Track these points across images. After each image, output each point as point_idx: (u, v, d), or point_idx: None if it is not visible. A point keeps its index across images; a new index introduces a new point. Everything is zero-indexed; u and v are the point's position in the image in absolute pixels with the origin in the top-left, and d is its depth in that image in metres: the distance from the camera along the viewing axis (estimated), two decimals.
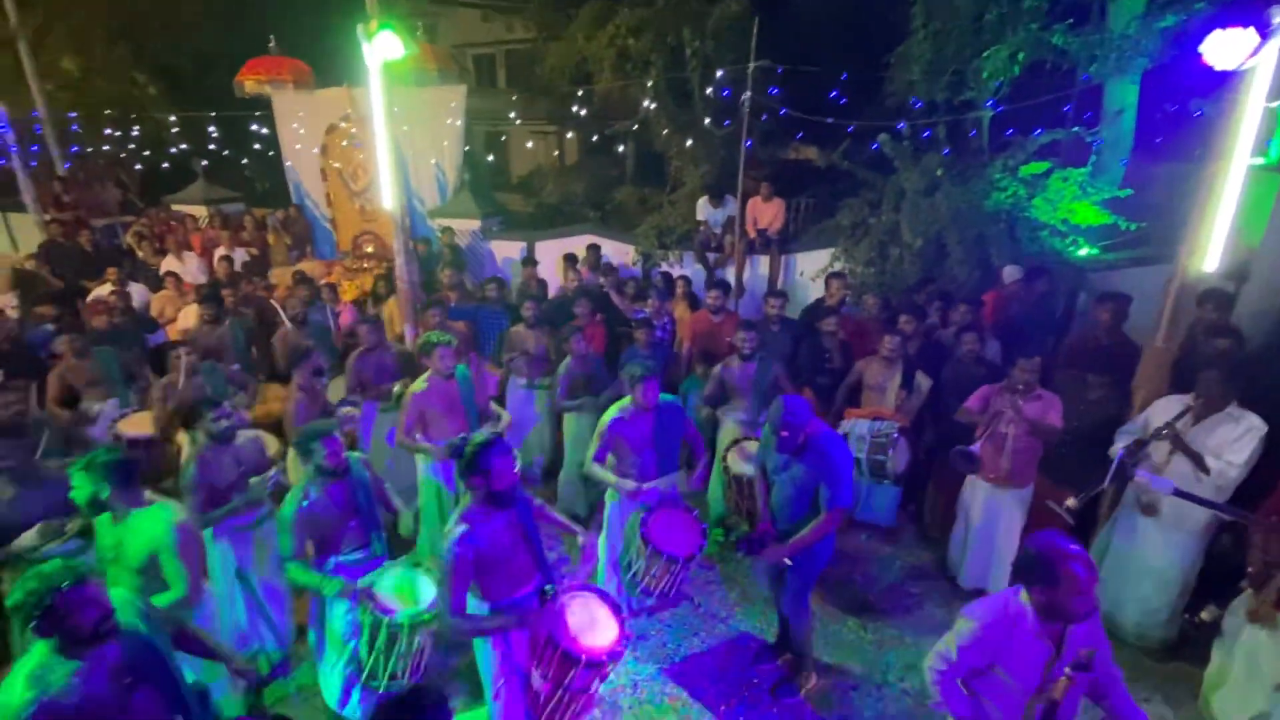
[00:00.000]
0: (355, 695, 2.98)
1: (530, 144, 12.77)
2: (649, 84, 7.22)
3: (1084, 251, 5.96)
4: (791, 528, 3.07)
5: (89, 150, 10.79)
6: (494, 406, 4.78)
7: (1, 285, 7.84)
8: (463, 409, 4.08)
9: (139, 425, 4.53)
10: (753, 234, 7.09)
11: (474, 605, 2.55)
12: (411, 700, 1.76)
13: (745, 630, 3.89)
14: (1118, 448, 3.16)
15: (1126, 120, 6.54)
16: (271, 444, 4.05)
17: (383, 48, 4.52)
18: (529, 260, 7.37)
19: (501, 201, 10.22)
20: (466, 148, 8.78)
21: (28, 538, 2.93)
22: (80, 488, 2.61)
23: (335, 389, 4.93)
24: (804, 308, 5.82)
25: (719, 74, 6.47)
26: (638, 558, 3.33)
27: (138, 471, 2.72)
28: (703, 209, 7.30)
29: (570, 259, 7.06)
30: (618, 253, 8.03)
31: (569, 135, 14.56)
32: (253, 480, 3.44)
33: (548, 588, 2.53)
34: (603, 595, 2.68)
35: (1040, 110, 6.60)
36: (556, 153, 14.07)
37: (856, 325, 5.17)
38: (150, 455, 4.47)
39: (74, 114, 10.04)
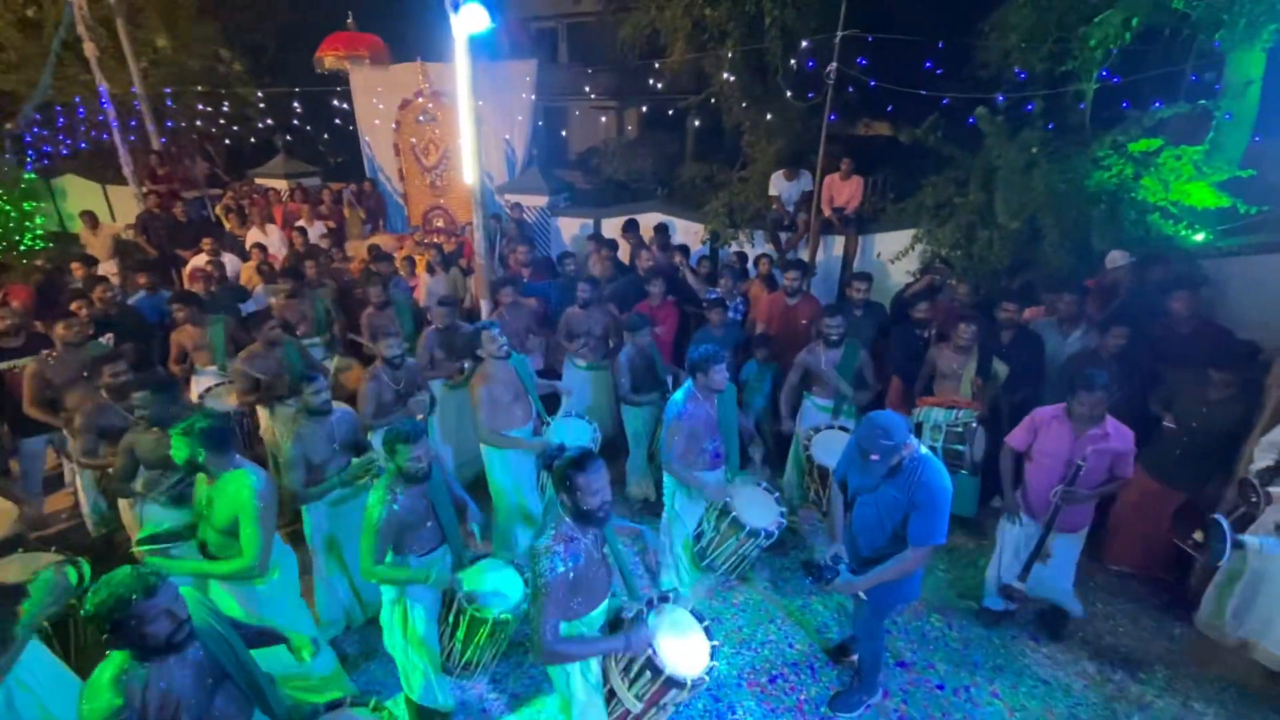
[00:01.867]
0: (439, 685, 3.01)
1: (600, 118, 12.65)
2: (729, 56, 6.98)
3: (1199, 237, 5.49)
4: (871, 555, 2.83)
5: (182, 125, 11.31)
6: (556, 385, 4.75)
7: (104, 253, 8.37)
8: (525, 393, 4.09)
9: (225, 398, 4.71)
10: (828, 213, 6.84)
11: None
12: None
13: (819, 624, 3.83)
14: (1257, 467, 2.88)
15: (1252, 94, 5.95)
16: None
17: (468, 21, 4.51)
18: (598, 238, 7.32)
19: (562, 177, 10.21)
20: (542, 123, 8.75)
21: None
22: (178, 449, 2.75)
23: None
24: (896, 292, 5.59)
25: (804, 44, 6.18)
26: (711, 529, 3.34)
27: (230, 437, 2.84)
28: (776, 184, 7.07)
29: (631, 225, 7.01)
30: (684, 231, 7.92)
31: (630, 110, 14.45)
32: (355, 461, 3.54)
33: (628, 603, 2.55)
34: (683, 607, 2.66)
35: (1149, 83, 6.07)
36: (618, 128, 13.95)
37: (947, 311, 4.93)
38: (241, 425, 4.69)
39: (168, 90, 10.50)
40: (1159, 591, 3.98)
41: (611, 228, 8.31)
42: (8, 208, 11.54)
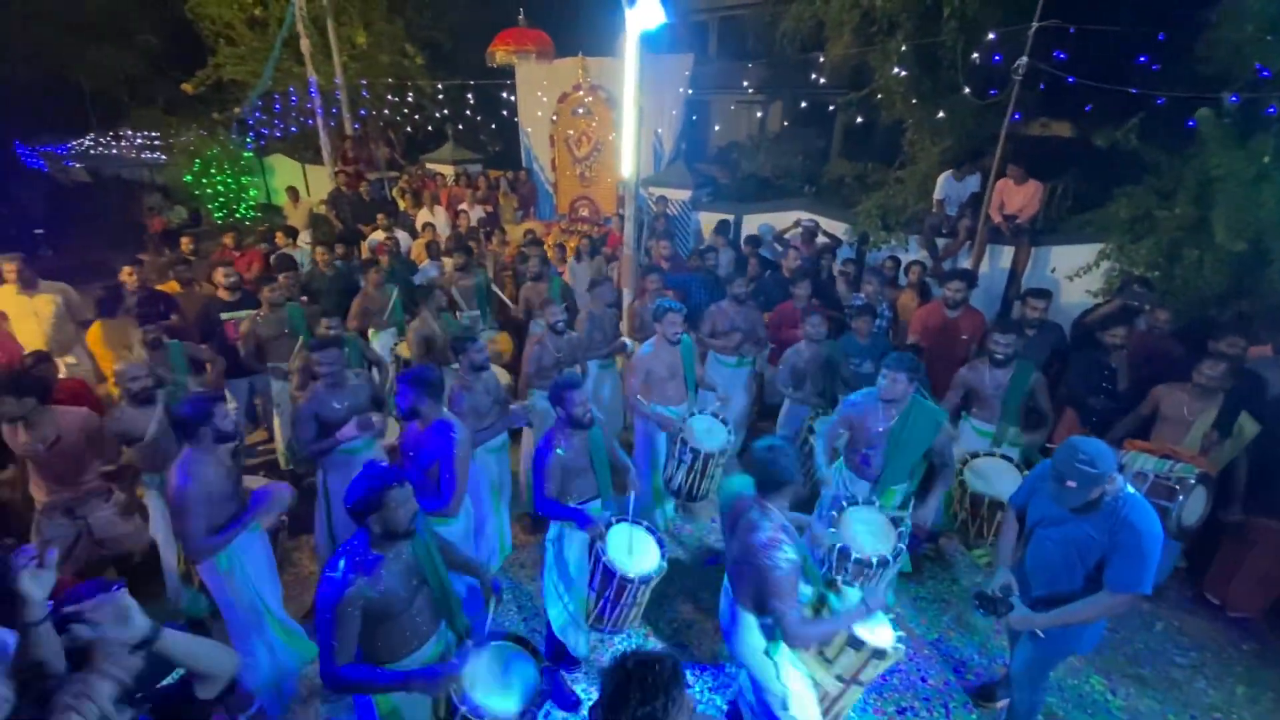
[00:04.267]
0: (576, 629, 3.19)
1: (744, 113, 12.51)
2: (902, 48, 6.58)
3: None
4: (1046, 595, 2.56)
5: (371, 113, 12.64)
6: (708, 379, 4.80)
7: (301, 223, 9.58)
8: (683, 376, 4.20)
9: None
10: (998, 220, 6.27)
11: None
12: (654, 666, 1.56)
13: (959, 659, 3.57)
14: None
15: None
16: (503, 377, 4.65)
17: (642, 15, 4.62)
18: (723, 231, 7.31)
19: (704, 172, 10.21)
20: (694, 117, 8.82)
21: None
22: (403, 396, 3.10)
23: None
24: (1080, 313, 5.05)
25: (990, 36, 5.68)
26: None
27: (441, 390, 3.18)
28: (943, 186, 6.61)
29: (722, 227, 7.01)
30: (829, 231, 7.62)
31: (775, 105, 14.10)
32: (513, 407, 3.89)
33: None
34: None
35: None
36: (762, 123, 13.68)
37: (1142, 340, 4.35)
38: None
39: (363, 81, 11.77)
40: None
41: (751, 225, 8.20)
42: (230, 180, 13.56)
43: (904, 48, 6.57)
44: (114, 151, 16.52)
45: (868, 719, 3.20)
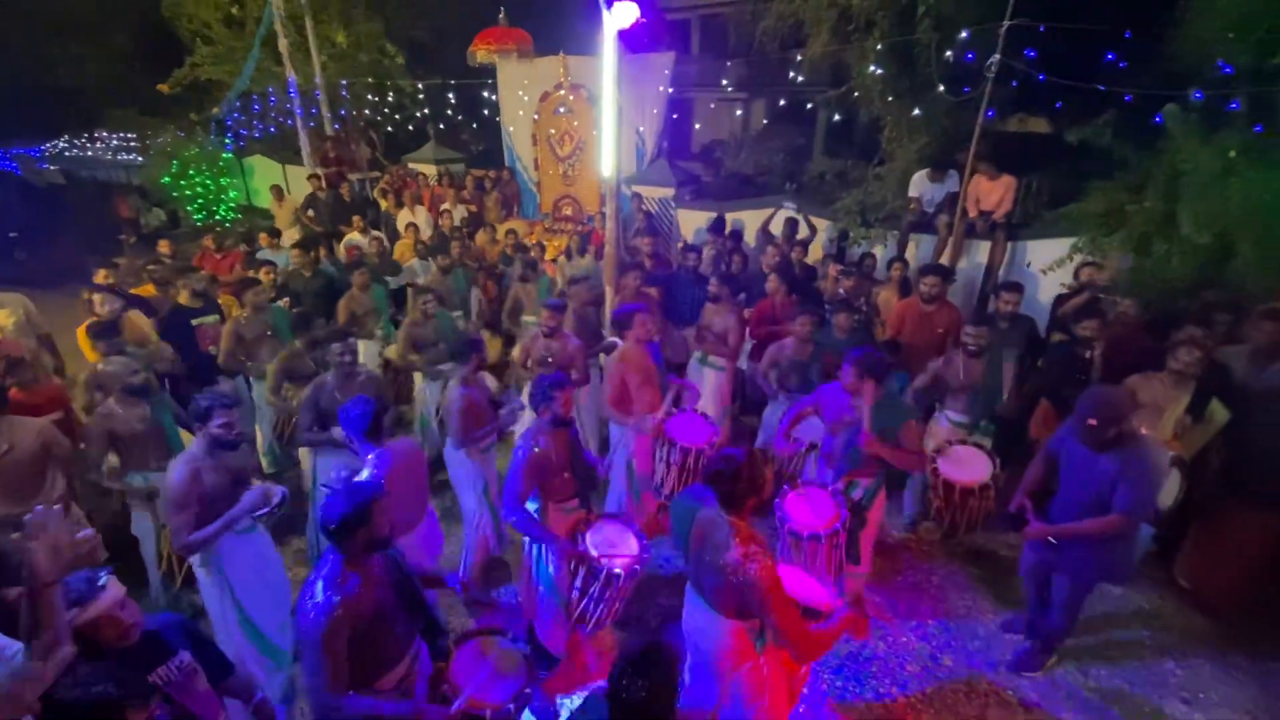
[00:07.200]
0: (560, 629, 3.17)
1: (726, 111, 12.58)
2: (878, 46, 6.66)
3: None
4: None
5: (353, 113, 12.55)
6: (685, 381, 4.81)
7: (286, 222, 9.52)
8: (656, 377, 4.18)
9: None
10: (974, 215, 6.38)
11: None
12: (652, 655, 1.75)
13: (937, 646, 3.64)
14: None
15: None
16: (491, 382, 4.60)
17: (619, 16, 4.64)
18: (717, 230, 7.33)
19: (686, 170, 10.25)
20: (675, 115, 8.85)
21: None
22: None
23: None
24: (1053, 305, 5.14)
25: (964, 34, 5.77)
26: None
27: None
28: (918, 184, 6.69)
29: (716, 225, 7.02)
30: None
31: (757, 103, 14.17)
32: (502, 411, 3.90)
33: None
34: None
35: None
36: (745, 121, 13.75)
37: (1113, 331, 4.44)
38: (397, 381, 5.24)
39: (344, 81, 11.68)
40: None
41: (732, 222, 8.26)
42: (209, 181, 13.40)
43: (880, 46, 6.65)
44: (89, 153, 16.28)
45: (846, 705, 3.26)
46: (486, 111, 11.09)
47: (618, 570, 2.80)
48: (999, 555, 4.31)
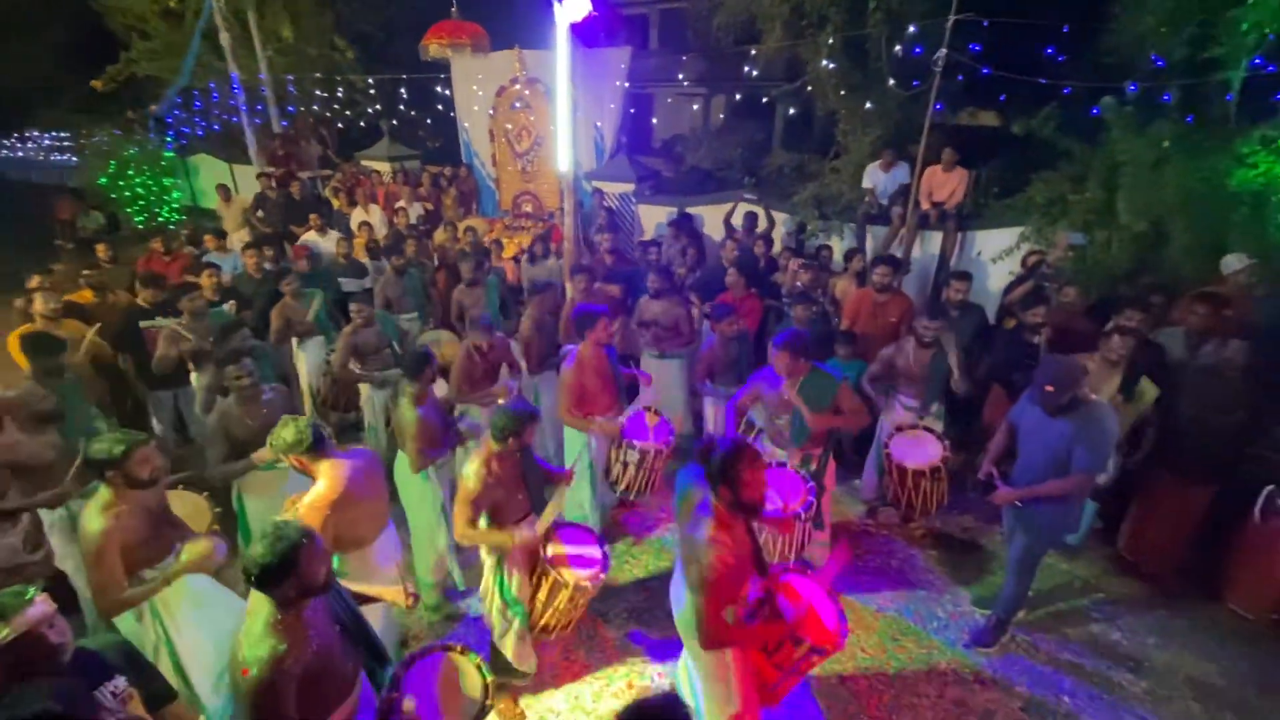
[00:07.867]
0: (518, 645, 3.08)
1: (686, 106, 12.60)
2: (829, 42, 6.75)
3: None
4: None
5: (302, 110, 12.17)
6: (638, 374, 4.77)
7: (234, 223, 9.17)
8: (614, 379, 4.14)
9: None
10: (927, 206, 6.52)
11: None
12: (661, 708, 1.63)
13: (897, 629, 3.72)
14: None
15: None
16: (439, 388, 4.43)
17: (571, 9, 4.60)
18: (679, 226, 7.32)
19: (647, 165, 10.23)
20: (633, 110, 8.81)
21: None
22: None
23: None
24: (1004, 291, 5.28)
25: (911, 29, 5.89)
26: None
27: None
28: (870, 176, 6.81)
29: (684, 219, 7.01)
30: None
31: (717, 98, 14.25)
32: (462, 426, 3.77)
33: None
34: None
35: None
36: (705, 116, 13.79)
37: (1056, 317, 4.59)
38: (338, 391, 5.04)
39: (290, 77, 11.32)
40: None
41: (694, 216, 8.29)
42: (151, 182, 12.85)
43: (832, 40, 6.74)
44: (20, 154, 15.45)
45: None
46: (441, 107, 10.89)
47: (586, 582, 2.86)
48: (955, 539, 4.44)
